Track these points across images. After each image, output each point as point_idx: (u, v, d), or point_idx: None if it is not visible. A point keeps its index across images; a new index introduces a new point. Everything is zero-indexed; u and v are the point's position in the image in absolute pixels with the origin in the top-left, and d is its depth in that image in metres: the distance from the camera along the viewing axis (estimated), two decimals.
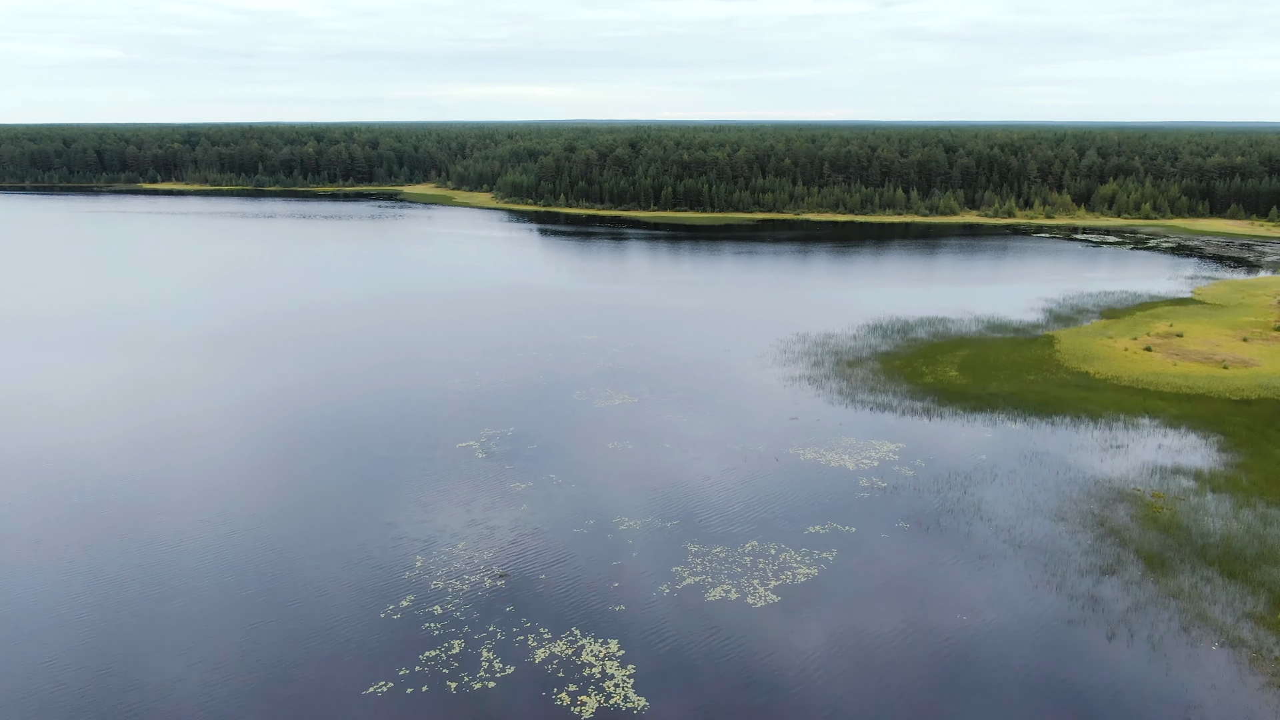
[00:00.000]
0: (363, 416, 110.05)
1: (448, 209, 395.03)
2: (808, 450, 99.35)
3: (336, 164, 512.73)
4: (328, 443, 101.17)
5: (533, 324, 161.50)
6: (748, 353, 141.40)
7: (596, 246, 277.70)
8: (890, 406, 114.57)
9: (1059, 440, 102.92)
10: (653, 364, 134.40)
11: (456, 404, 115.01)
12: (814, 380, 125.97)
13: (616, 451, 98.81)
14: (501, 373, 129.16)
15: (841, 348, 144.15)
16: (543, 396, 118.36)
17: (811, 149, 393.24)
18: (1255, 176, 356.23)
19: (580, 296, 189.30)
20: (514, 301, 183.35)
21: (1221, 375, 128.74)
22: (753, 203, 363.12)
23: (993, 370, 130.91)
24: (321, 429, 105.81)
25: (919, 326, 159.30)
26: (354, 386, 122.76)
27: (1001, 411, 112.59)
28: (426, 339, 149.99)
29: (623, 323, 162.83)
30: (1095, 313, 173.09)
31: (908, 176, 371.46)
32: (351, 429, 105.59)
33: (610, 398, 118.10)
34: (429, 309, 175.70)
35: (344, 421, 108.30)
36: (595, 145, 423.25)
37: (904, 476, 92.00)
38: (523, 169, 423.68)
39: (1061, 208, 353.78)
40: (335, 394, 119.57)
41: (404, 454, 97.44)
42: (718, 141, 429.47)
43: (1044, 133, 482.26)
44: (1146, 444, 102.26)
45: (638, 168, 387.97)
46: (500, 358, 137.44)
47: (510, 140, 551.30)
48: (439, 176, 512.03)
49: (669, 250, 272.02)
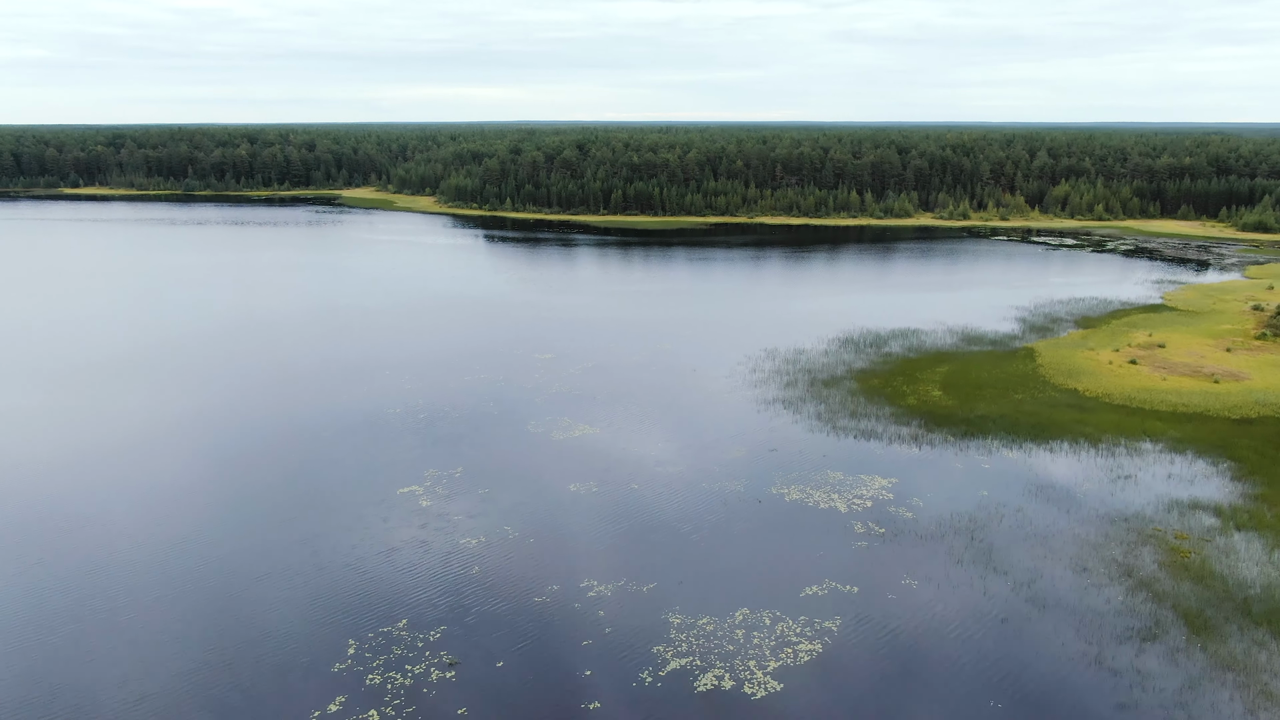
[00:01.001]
0: (287, 459, 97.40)
1: (388, 214, 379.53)
2: (792, 489, 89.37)
3: (271, 167, 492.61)
4: (240, 497, 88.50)
5: (481, 341, 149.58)
6: (715, 372, 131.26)
7: (546, 253, 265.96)
8: (875, 434, 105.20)
9: (1062, 470, 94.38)
10: (613, 387, 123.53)
11: (397, 439, 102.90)
12: (789, 404, 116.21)
13: (580, 496, 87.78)
14: (447, 400, 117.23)
15: (814, 365, 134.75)
16: (494, 428, 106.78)
17: (763, 150, 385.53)
18: (1204, 177, 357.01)
19: (531, 309, 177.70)
20: (460, 315, 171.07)
21: (1214, 391, 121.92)
22: (705, 206, 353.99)
23: (977, 389, 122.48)
24: (235, 476, 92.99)
25: (892, 340, 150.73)
26: (278, 420, 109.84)
27: (995, 437, 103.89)
28: (363, 359, 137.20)
29: (578, 338, 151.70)
30: (1070, 321, 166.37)
31: (861, 178, 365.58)
32: (274, 474, 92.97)
33: (569, 428, 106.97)
34: (367, 325, 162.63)
35: (264, 465, 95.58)
36: (542, 147, 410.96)
37: (902, 520, 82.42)
38: (467, 172, 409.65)
39: (1015, 209, 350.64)
40: (254, 432, 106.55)
41: (335, 505, 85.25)
42: (667, 143, 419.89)
43: (993, 134, 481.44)
44: (1155, 473, 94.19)
45: (586, 170, 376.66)
46: (446, 381, 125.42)
47: (453, 142, 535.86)
48: (379, 180, 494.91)
49: (621, 257, 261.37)
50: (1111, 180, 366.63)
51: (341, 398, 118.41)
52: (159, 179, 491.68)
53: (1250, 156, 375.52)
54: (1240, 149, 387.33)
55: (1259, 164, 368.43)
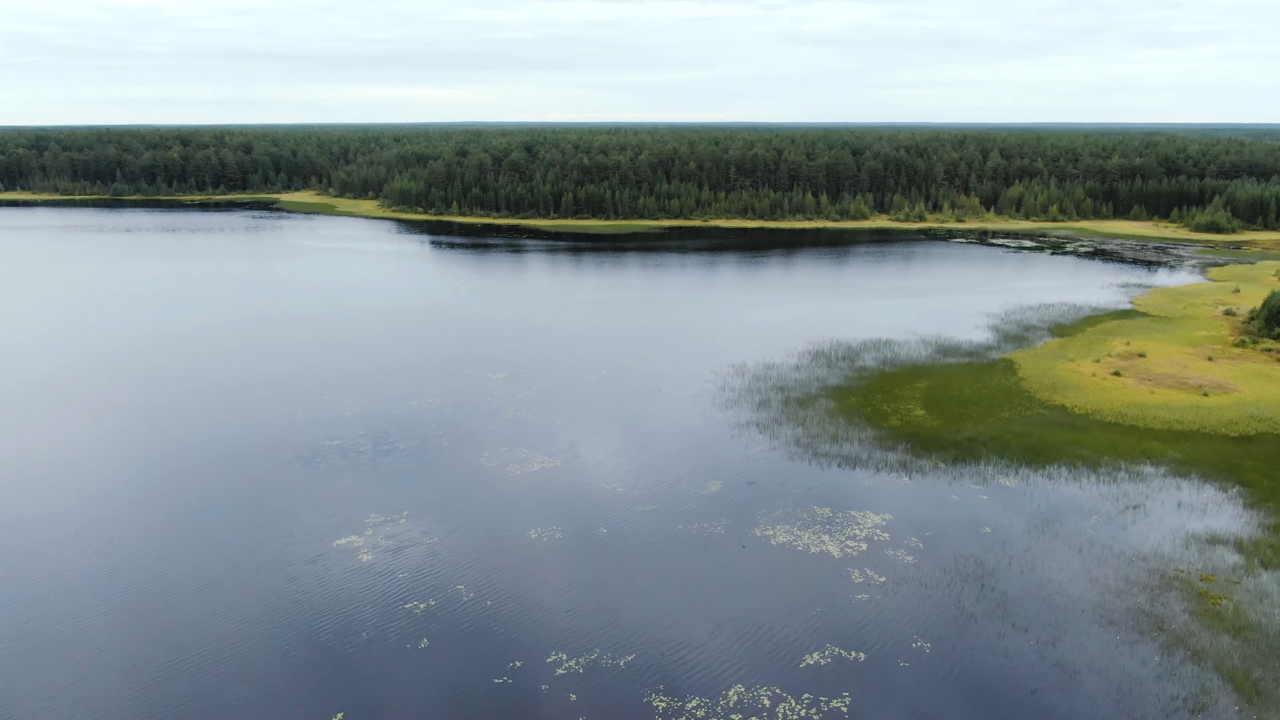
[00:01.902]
0: (207, 504, 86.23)
1: (329, 218, 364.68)
2: (778, 529, 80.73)
3: (205, 170, 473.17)
4: (148, 552, 77.32)
5: (430, 358, 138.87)
6: (682, 391, 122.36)
7: (495, 260, 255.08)
8: (860, 461, 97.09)
9: (1065, 500, 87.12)
10: (574, 411, 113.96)
11: (335, 478, 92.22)
12: (764, 427, 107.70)
13: (541, 544, 78.13)
14: (392, 428, 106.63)
15: (786, 382, 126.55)
16: (444, 463, 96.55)
17: (716, 152, 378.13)
18: (1154, 178, 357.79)
19: (482, 322, 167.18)
20: (407, 330, 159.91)
21: (1206, 405, 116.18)
22: (658, 209, 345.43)
23: (961, 407, 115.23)
24: (144, 525, 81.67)
25: (865, 352, 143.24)
26: (199, 456, 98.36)
27: (988, 463, 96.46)
28: (300, 382, 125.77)
29: (533, 354, 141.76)
30: (1044, 329, 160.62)
31: (816, 180, 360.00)
32: (192, 524, 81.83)
33: (526, 461, 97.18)
34: (305, 342, 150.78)
35: (181, 512, 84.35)
36: (489, 149, 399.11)
37: (903, 566, 74.18)
38: (411, 175, 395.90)
39: (970, 210, 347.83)
40: (171, 469, 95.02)
41: (262, 564, 74.55)
42: (618, 144, 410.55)
43: (944, 134, 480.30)
44: (1163, 501, 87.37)
45: (535, 173, 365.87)
46: (391, 406, 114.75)
47: (397, 144, 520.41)
48: (320, 183, 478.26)
49: (574, 264, 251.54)
50: (1064, 181, 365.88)
51: (274, 427, 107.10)
52: (85, 183, 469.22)
53: (1198, 157, 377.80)
54: (1188, 149, 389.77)
55: (1207, 164, 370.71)
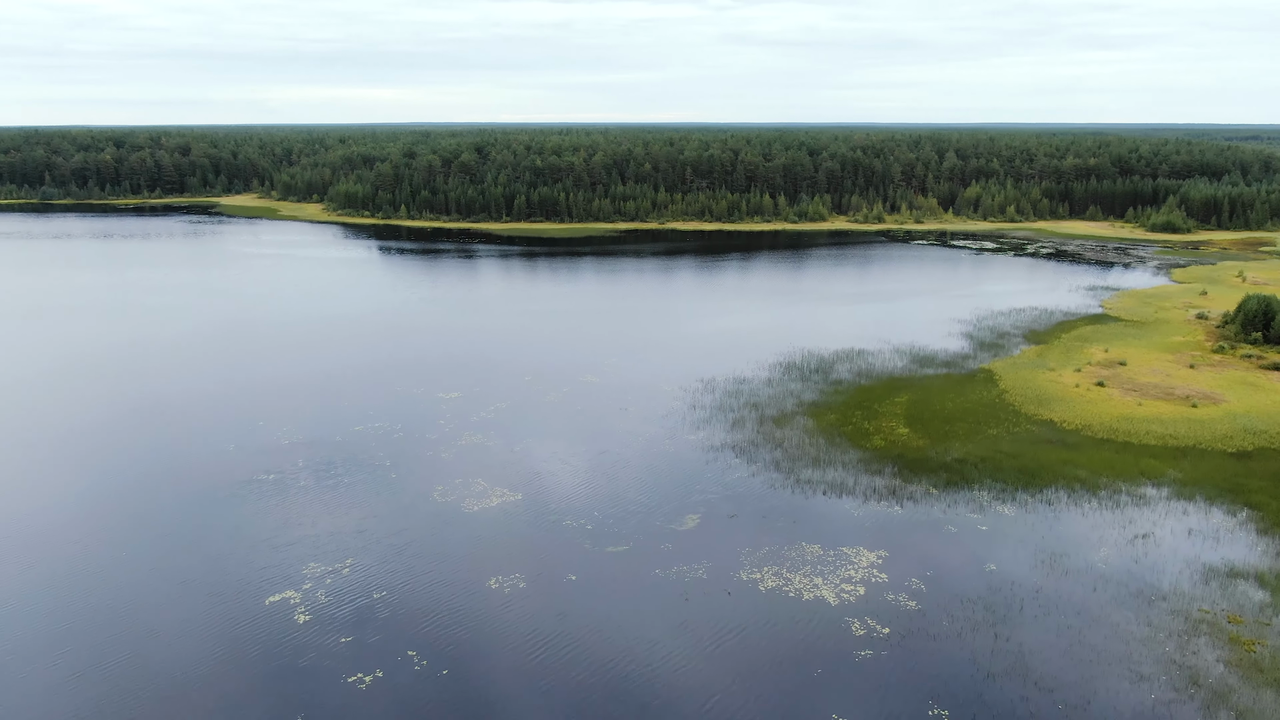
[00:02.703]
0: (122, 550, 76.30)
1: (272, 223, 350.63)
2: (766, 572, 73.14)
3: (140, 173, 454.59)
4: (50, 613, 67.38)
5: (376, 377, 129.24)
6: (650, 410, 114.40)
7: (446, 266, 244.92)
8: (846, 488, 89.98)
9: (1069, 530, 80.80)
10: (533, 435, 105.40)
11: (269, 519, 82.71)
12: (740, 450, 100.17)
13: (503, 597, 69.61)
14: (334, 459, 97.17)
15: (759, 397, 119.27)
16: (392, 498, 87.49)
17: (671, 153, 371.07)
18: (1109, 178, 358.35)
19: (433, 336, 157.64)
20: (353, 345, 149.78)
21: (1197, 417, 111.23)
22: (614, 211, 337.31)
23: (946, 423, 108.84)
24: (47, 580, 71.59)
25: (838, 363, 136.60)
26: (116, 492, 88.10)
27: (982, 487, 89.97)
28: (234, 406, 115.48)
29: (488, 371, 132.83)
30: (1019, 336, 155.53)
31: (773, 181, 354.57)
32: (101, 582, 71.92)
33: (484, 495, 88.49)
34: (238, 359, 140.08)
35: (91, 561, 74.35)
36: (438, 150, 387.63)
37: (907, 614, 66.98)
38: (357, 177, 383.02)
39: (929, 211, 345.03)
40: (84, 506, 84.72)
41: (181, 630, 65.03)
42: (571, 145, 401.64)
43: (900, 134, 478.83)
44: (1172, 529, 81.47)
45: (486, 175, 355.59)
46: (333, 433, 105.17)
47: (343, 145, 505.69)
48: (262, 186, 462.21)
49: (527, 269, 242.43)
50: (1020, 181, 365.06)
51: (202, 459, 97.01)
52: (12, 187, 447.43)
53: (1150, 157, 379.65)
54: (1140, 149, 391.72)
55: (1159, 164, 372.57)
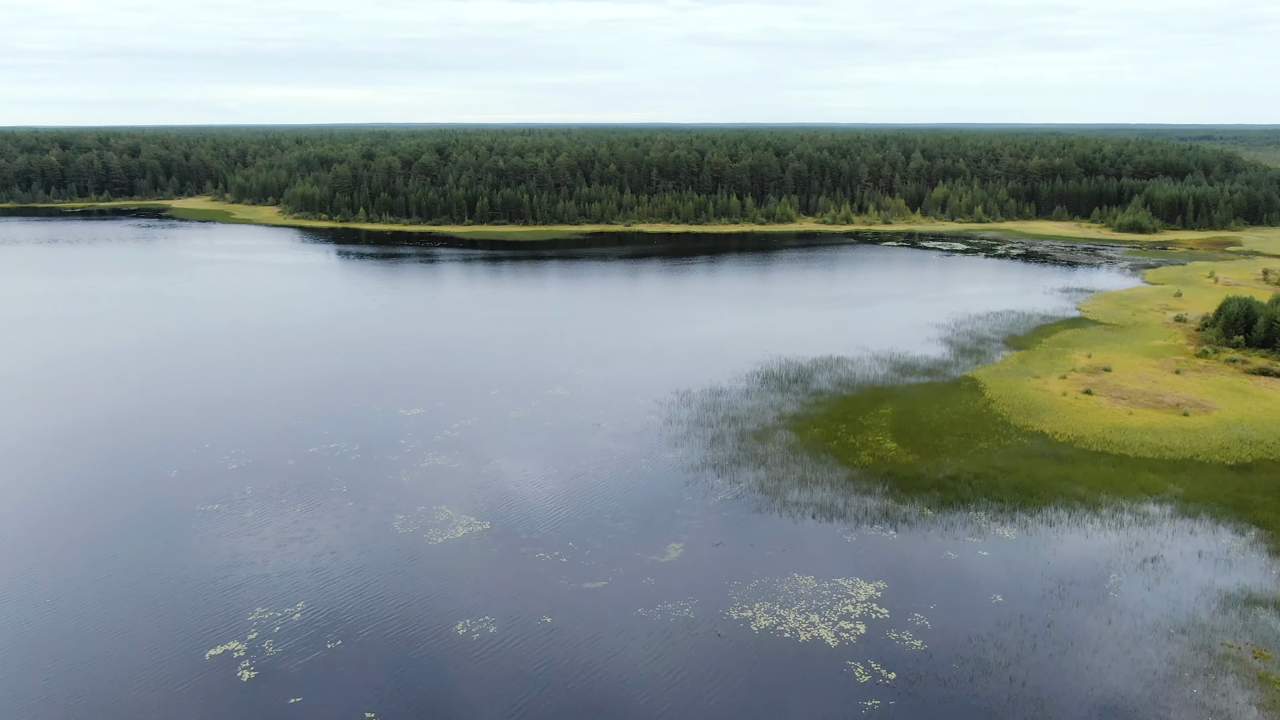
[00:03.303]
0: (47, 603, 68.80)
1: (225, 227, 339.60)
2: (757, 609, 67.49)
3: (87, 175, 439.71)
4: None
5: (332, 392, 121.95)
6: (623, 426, 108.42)
7: (407, 271, 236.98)
8: (836, 510, 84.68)
9: (1074, 554, 76.12)
10: (501, 455, 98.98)
11: (211, 558, 75.56)
12: (721, 469, 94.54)
13: (471, 644, 63.27)
14: (285, 486, 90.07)
15: (738, 410, 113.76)
16: (348, 530, 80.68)
17: (636, 153, 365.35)
18: (1074, 178, 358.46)
19: (393, 345, 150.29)
20: (307, 358, 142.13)
21: (1190, 427, 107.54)
22: (579, 214, 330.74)
23: (934, 436, 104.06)
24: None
25: (817, 372, 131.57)
26: (39, 527, 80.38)
27: (978, 507, 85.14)
28: (178, 427, 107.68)
29: (451, 384, 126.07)
30: (999, 341, 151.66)
31: (740, 182, 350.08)
32: (24, 631, 64.49)
33: (449, 525, 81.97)
34: (184, 374, 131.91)
35: (7, 613, 66.81)
36: (398, 151, 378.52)
37: (913, 656, 61.65)
38: (314, 179, 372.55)
39: (896, 212, 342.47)
40: (7, 546, 76.98)
41: (111, 688, 57.92)
42: (534, 146, 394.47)
43: (866, 135, 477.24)
44: (1181, 551, 77.11)
45: (448, 176, 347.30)
46: (284, 456, 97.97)
47: (299, 146, 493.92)
48: (215, 188, 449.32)
49: (491, 274, 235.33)
50: (987, 182, 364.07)
51: (140, 488, 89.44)
52: None
53: (1114, 157, 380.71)
54: (1104, 149, 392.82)
55: (1123, 164, 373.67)
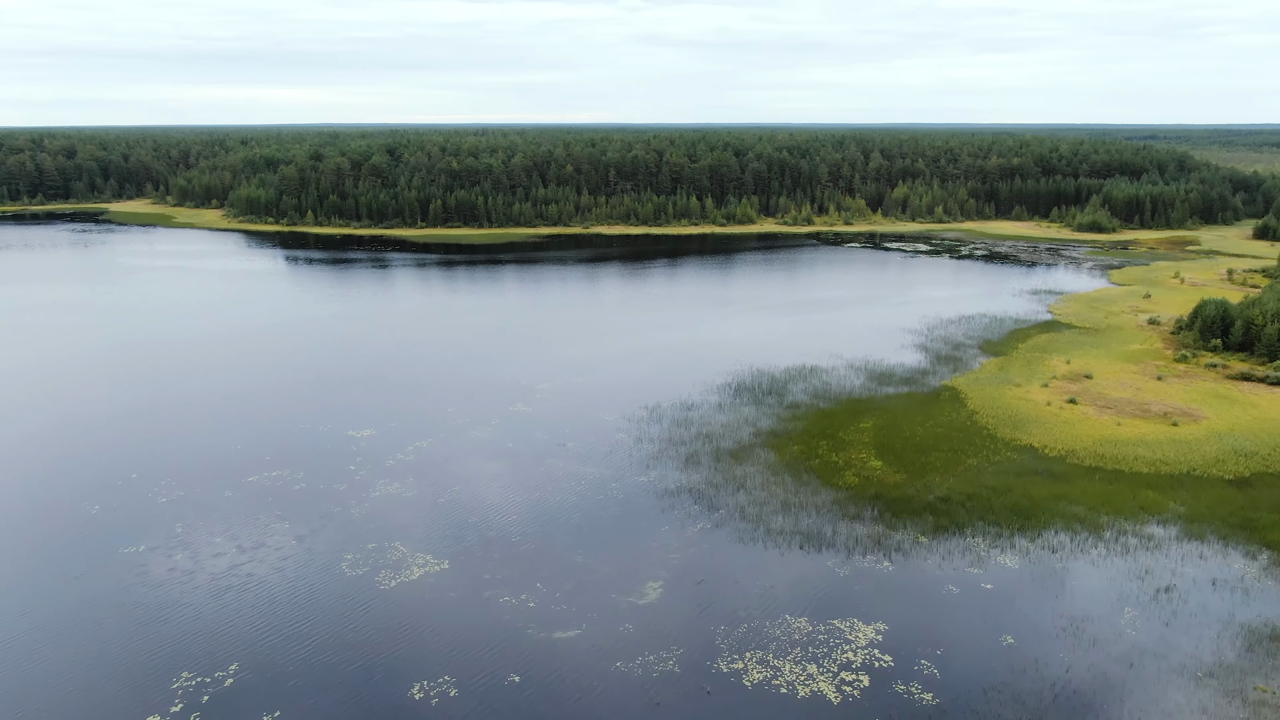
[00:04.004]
0: None
1: (166, 231, 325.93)
2: (749, 659, 60.97)
3: (20, 177, 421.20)
4: None
5: (274, 412, 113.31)
6: (591, 446, 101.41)
7: (357, 277, 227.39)
8: (825, 539, 78.55)
9: (1083, 585, 70.75)
10: (460, 481, 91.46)
11: (132, 617, 67.20)
12: (699, 494, 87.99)
13: (430, 710, 55.89)
14: (220, 525, 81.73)
15: (711, 427, 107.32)
16: (290, 576, 72.73)
17: (593, 154, 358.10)
18: (1032, 178, 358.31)
19: (342, 358, 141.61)
20: (248, 374, 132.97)
21: (1182, 438, 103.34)
22: (535, 216, 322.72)
23: (920, 453, 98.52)
24: None
25: (791, 383, 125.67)
26: None
27: (975, 532, 79.56)
28: (95, 456, 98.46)
29: (404, 401, 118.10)
30: (974, 347, 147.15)
31: (700, 183, 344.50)
32: None
33: (402, 565, 74.37)
34: (111, 395, 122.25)
35: None
36: (347, 152, 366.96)
37: (925, 713, 55.55)
38: (260, 181, 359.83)
39: (857, 213, 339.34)
40: None
41: None
42: (488, 147, 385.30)
43: (823, 134, 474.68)
44: (1195, 578, 72.12)
45: (400, 178, 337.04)
46: (220, 488, 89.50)
47: (245, 147, 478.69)
48: (156, 191, 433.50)
49: (445, 279, 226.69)
50: (946, 181, 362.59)
51: (58, 529, 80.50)
52: None
53: (1070, 156, 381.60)
54: (1060, 149, 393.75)
55: (1079, 164, 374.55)
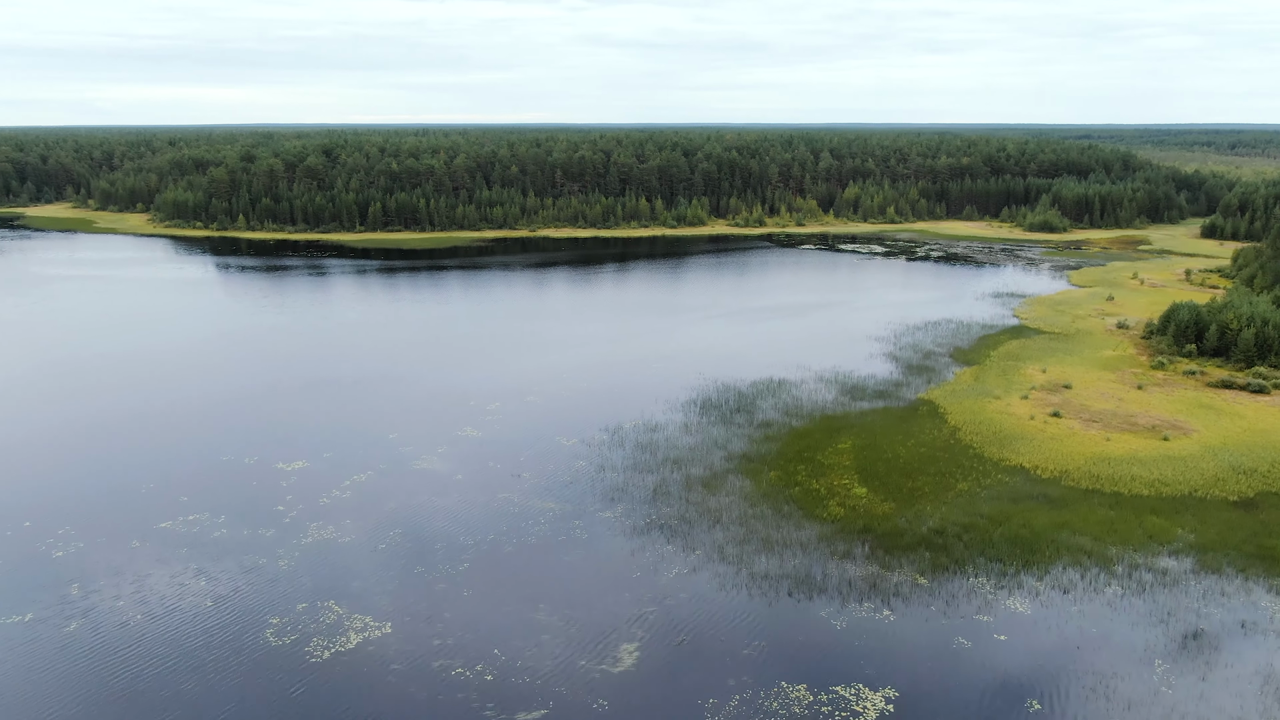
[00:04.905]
0: None
1: (87, 237, 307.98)
2: None
3: None
4: None
5: (195, 442, 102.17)
6: (548, 475, 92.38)
7: (292, 286, 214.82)
8: (816, 584, 70.64)
9: (1104, 632, 63.82)
10: (403, 523, 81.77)
11: (15, 699, 56.62)
12: (671, 532, 79.55)
13: None
14: (125, 585, 71.09)
15: (679, 450, 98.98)
16: (202, 650, 62.52)
17: (539, 154, 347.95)
18: (981, 177, 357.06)
19: (272, 377, 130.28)
20: (167, 398, 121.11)
21: (1175, 454, 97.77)
22: (480, 219, 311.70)
23: (905, 477, 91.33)
24: None
25: (759, 398, 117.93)
26: None
27: (977, 570, 72.35)
28: None
29: (341, 426, 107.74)
30: (945, 355, 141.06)
31: (649, 184, 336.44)
32: None
33: (338, 630, 64.61)
34: (18, 423, 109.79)
35: None
36: (281, 153, 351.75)
37: None
38: (188, 183, 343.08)
39: (809, 214, 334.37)
40: None
41: None
42: (430, 147, 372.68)
43: (771, 134, 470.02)
44: (1223, 621, 65.69)
45: (336, 180, 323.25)
46: (126, 537, 78.64)
47: (173, 148, 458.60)
48: (77, 194, 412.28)
49: (387, 287, 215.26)
50: (897, 181, 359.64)
51: None
52: None
53: (1017, 155, 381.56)
54: (1007, 148, 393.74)
55: (1027, 163, 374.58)
